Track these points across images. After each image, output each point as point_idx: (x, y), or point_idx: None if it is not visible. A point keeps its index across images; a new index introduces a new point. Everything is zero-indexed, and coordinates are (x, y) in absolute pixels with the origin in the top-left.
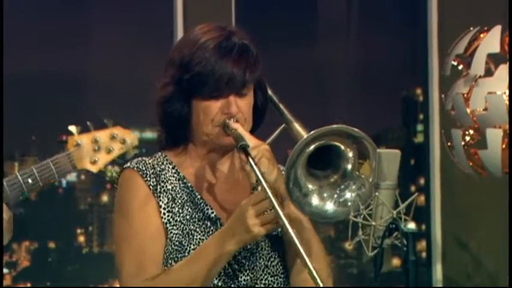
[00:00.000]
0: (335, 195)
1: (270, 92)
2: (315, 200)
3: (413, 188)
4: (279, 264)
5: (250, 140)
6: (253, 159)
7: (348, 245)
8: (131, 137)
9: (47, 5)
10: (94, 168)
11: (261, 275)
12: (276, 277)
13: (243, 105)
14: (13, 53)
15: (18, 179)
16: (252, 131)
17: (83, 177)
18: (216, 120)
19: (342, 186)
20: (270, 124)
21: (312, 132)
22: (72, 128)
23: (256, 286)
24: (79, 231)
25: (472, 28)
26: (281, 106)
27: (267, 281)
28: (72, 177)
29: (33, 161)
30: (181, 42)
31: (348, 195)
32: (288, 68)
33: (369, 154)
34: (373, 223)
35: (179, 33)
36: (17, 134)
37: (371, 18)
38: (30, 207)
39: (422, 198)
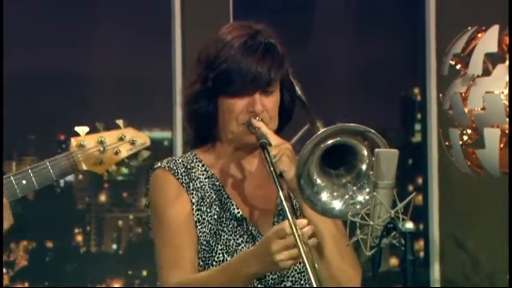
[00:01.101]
0: (346, 196)
1: (299, 91)
2: (324, 196)
3: (411, 188)
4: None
5: (273, 139)
6: (271, 157)
7: (346, 245)
8: (143, 138)
9: (45, 4)
10: (99, 170)
11: (287, 272)
12: (302, 273)
13: (268, 103)
14: (12, 53)
15: (11, 179)
16: (278, 130)
17: (80, 176)
18: (240, 118)
19: (355, 188)
20: (296, 125)
21: (324, 129)
22: (79, 129)
23: (283, 284)
24: (76, 230)
25: (469, 28)
26: (308, 106)
27: (294, 278)
28: (70, 176)
29: (31, 161)
30: (207, 42)
31: (360, 198)
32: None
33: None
34: (371, 223)
35: (177, 33)
36: (15, 134)
37: (369, 17)
38: (28, 206)
39: (420, 197)
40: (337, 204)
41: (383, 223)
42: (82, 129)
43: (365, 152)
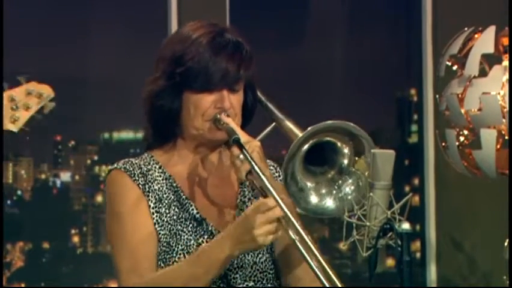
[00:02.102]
0: (334, 191)
1: (258, 92)
2: (314, 198)
3: (407, 189)
4: (267, 260)
5: (242, 135)
6: (247, 150)
7: (343, 246)
8: (48, 90)
9: (41, 4)
10: (14, 127)
11: (250, 272)
12: (265, 273)
13: (234, 101)
14: (5, 54)
15: None
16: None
17: (77, 177)
18: (207, 114)
19: (340, 182)
20: (260, 123)
21: (309, 128)
22: None
23: (246, 284)
24: (73, 231)
25: (466, 28)
26: (270, 106)
27: (256, 278)
28: (66, 177)
29: (27, 162)
30: (171, 39)
31: (346, 189)
32: (281, 68)
33: (364, 150)
34: (367, 223)
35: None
36: (11, 134)
37: (365, 18)
38: (24, 207)
39: (417, 198)
40: (329, 202)
41: (379, 224)
42: None
43: (347, 150)
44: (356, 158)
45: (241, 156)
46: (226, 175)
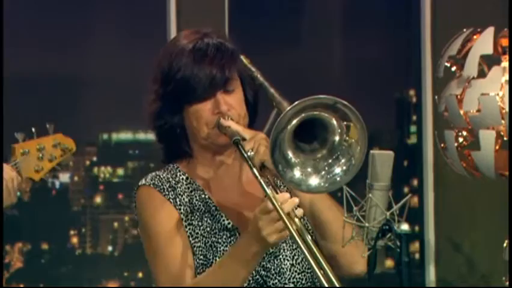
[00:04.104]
0: (322, 172)
1: (260, 78)
2: (297, 173)
3: (406, 189)
4: (304, 260)
5: (245, 133)
6: (246, 152)
7: (342, 247)
8: (71, 143)
9: (40, 5)
10: (36, 177)
11: (288, 275)
12: (303, 273)
13: (232, 101)
14: (9, 54)
15: None
16: (250, 125)
17: (76, 178)
18: (209, 122)
19: (331, 161)
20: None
21: (289, 107)
22: (17, 135)
23: (286, 286)
24: (72, 232)
25: (465, 29)
26: (272, 90)
27: (295, 279)
28: (65, 178)
29: None
30: (159, 57)
31: (337, 170)
32: (279, 68)
33: (350, 118)
34: (366, 224)
35: (173, 34)
36: (9, 136)
37: (364, 19)
38: (23, 208)
39: (416, 199)
40: (315, 180)
41: (378, 225)
42: (20, 135)
43: (335, 122)
44: (346, 123)
45: (249, 153)
46: (250, 180)
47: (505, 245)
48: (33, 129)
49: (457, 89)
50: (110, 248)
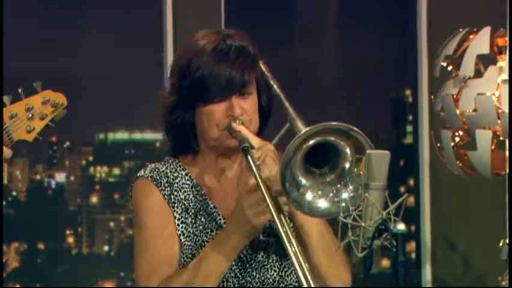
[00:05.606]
0: (331, 194)
1: (277, 90)
2: (308, 196)
3: (402, 189)
4: (292, 273)
5: (255, 141)
6: (252, 160)
7: (338, 246)
8: (62, 98)
9: (38, 5)
10: (29, 137)
11: (274, 285)
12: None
13: (246, 106)
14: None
15: None
16: (259, 131)
17: (72, 178)
18: (220, 123)
19: (339, 186)
20: (277, 123)
21: (307, 128)
22: (4, 98)
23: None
24: (68, 232)
25: (461, 29)
26: (287, 104)
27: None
28: (61, 178)
29: (23, 163)
30: (179, 52)
31: (344, 195)
32: (276, 69)
33: (364, 147)
34: (363, 224)
35: (169, 34)
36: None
37: (360, 18)
38: (19, 208)
39: (412, 199)
40: (322, 203)
41: (374, 224)
42: (6, 98)
43: (348, 150)
44: (359, 156)
45: (255, 163)
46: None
47: (501, 244)
48: (19, 90)
49: (453, 88)
50: (106, 248)
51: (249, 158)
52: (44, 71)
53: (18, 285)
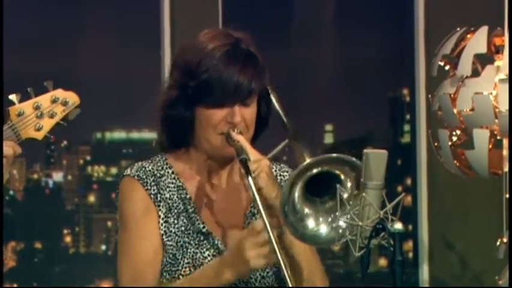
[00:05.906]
0: (329, 220)
1: (277, 105)
2: (311, 223)
3: (399, 188)
4: (271, 276)
5: (251, 153)
6: (251, 175)
7: (335, 246)
8: (73, 97)
9: (37, 5)
10: (38, 136)
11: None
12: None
13: (246, 114)
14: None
15: None
16: (253, 139)
17: (69, 177)
18: (218, 128)
19: (337, 213)
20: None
21: (312, 159)
22: (12, 97)
23: None
24: (65, 231)
25: (458, 28)
26: (286, 120)
27: None
28: (59, 177)
29: (21, 162)
30: (187, 47)
31: (340, 222)
32: (273, 69)
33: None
34: (360, 223)
35: (167, 33)
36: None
37: (358, 18)
38: (17, 207)
39: (409, 198)
40: (323, 229)
41: (372, 224)
42: (14, 97)
43: (349, 184)
44: (357, 192)
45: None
46: (236, 189)
47: (498, 243)
48: (29, 90)
49: (450, 88)
50: (103, 247)
51: (249, 174)
52: (41, 70)
53: (15, 285)
